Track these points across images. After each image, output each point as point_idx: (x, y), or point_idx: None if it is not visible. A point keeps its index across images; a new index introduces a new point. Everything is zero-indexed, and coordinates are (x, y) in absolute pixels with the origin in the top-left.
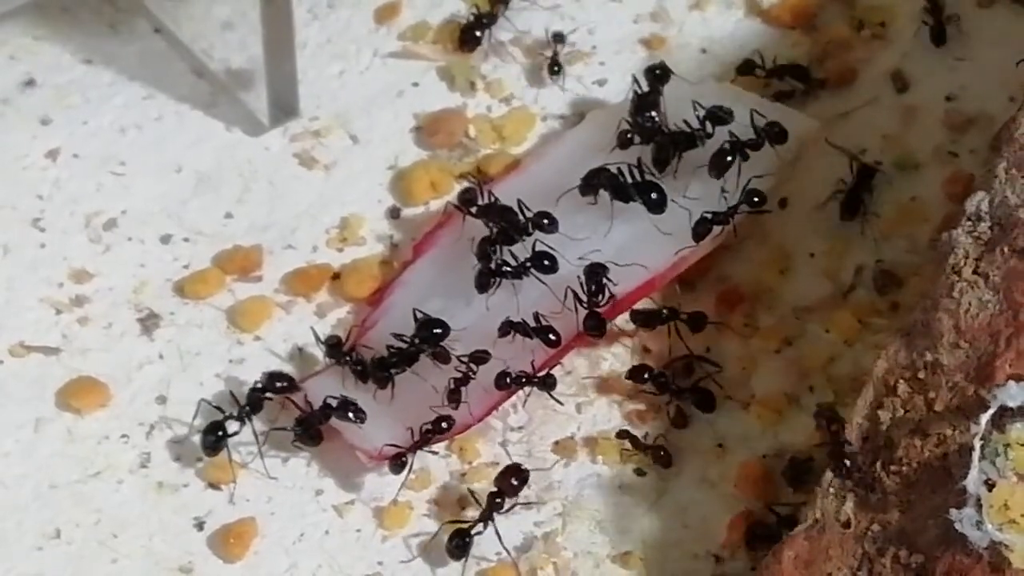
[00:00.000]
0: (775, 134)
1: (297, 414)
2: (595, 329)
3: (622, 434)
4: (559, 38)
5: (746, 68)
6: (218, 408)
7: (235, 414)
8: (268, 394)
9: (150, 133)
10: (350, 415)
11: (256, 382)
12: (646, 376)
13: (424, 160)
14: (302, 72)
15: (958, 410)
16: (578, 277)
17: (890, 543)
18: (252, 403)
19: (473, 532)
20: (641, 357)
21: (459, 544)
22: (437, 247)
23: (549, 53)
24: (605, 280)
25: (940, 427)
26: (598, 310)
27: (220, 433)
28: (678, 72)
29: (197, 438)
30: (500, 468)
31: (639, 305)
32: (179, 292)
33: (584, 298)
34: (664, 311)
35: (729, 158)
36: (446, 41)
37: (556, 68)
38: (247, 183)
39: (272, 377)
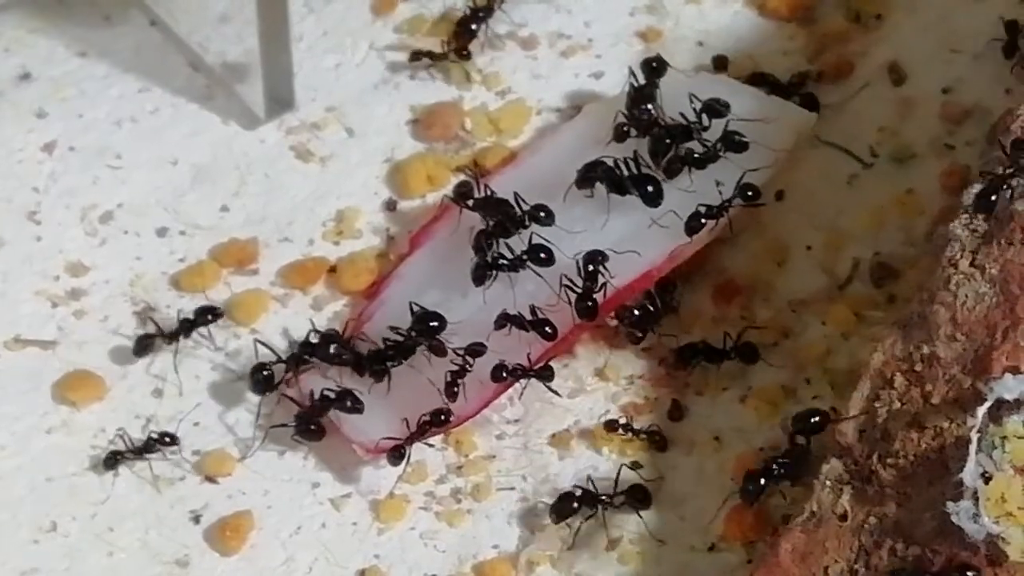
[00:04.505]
0: (734, 144)
1: (295, 409)
2: (586, 313)
3: (611, 425)
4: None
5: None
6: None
7: (283, 357)
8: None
9: (146, 126)
10: (348, 405)
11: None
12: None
13: (420, 153)
14: (298, 65)
15: (955, 403)
16: (576, 262)
17: (887, 536)
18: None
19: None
20: (639, 351)
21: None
22: (433, 240)
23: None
24: (603, 268)
25: (937, 420)
26: (593, 295)
27: (267, 372)
28: (674, 65)
29: (195, 430)
30: (496, 461)
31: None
32: (175, 285)
33: (578, 284)
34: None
35: (681, 164)
36: (443, 34)
37: (464, 53)
38: (243, 176)
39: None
